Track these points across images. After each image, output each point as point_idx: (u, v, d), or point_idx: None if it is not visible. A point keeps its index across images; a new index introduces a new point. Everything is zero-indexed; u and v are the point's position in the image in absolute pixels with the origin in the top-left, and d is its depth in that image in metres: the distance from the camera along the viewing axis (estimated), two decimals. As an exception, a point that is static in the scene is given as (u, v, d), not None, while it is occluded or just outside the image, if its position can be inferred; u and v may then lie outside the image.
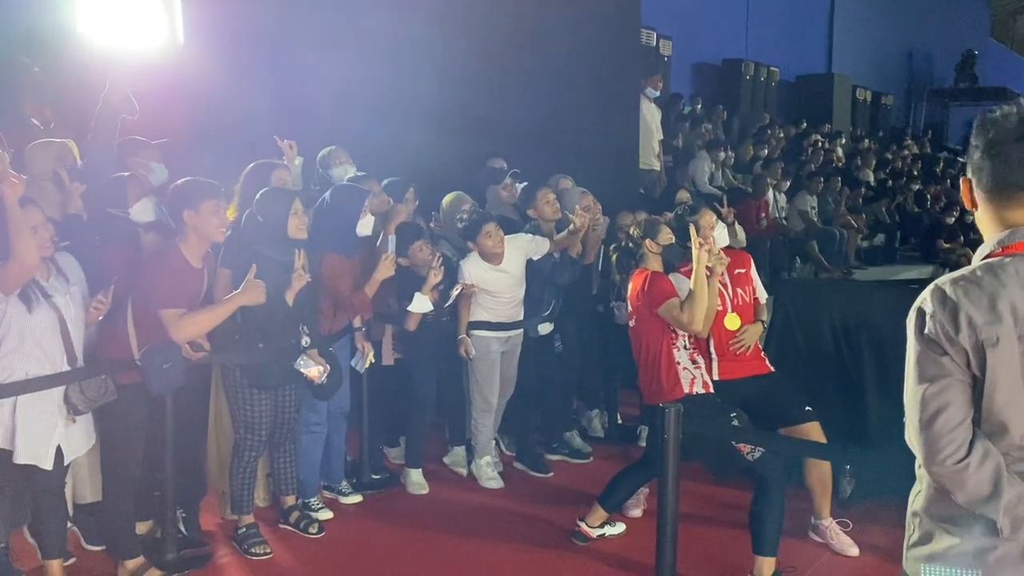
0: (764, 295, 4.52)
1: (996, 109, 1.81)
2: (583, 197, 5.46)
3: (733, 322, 4.26)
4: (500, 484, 5.14)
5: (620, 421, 6.08)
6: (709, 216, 4.27)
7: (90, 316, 3.59)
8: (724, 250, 4.18)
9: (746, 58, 14.45)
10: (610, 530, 4.42)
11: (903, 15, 20.10)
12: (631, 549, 4.28)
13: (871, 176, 13.57)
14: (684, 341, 4.02)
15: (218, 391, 4.30)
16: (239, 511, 4.25)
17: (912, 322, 1.80)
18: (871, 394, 4.65)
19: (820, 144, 13.68)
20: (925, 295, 1.79)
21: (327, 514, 4.61)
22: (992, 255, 1.81)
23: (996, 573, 1.75)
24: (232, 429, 4.24)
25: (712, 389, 4.02)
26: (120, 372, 3.66)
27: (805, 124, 14.58)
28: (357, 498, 4.86)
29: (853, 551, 4.25)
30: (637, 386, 4.28)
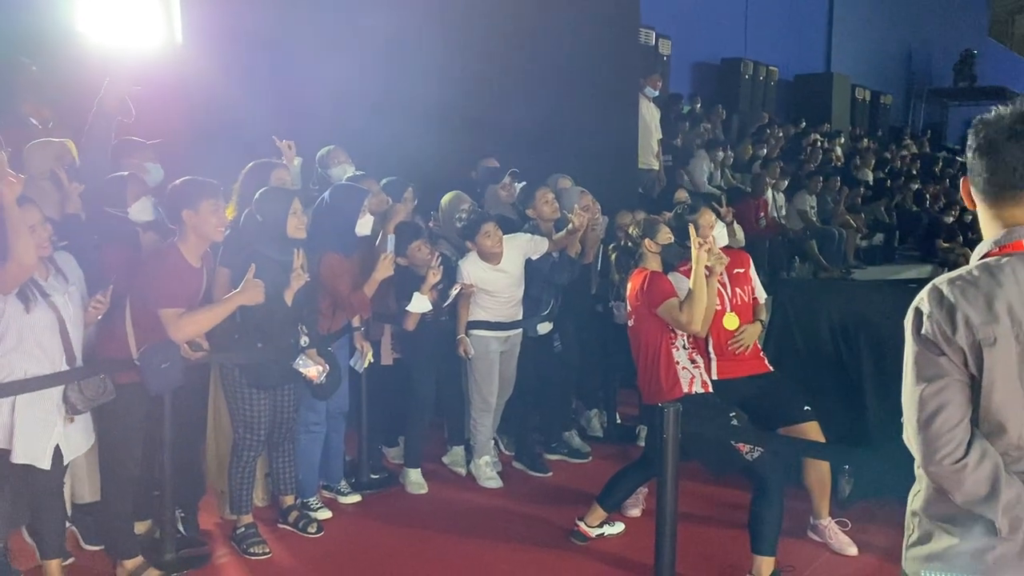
0: (763, 295, 4.50)
1: (993, 110, 1.82)
2: (582, 197, 5.44)
3: (732, 322, 4.25)
4: (499, 484, 5.14)
5: (619, 421, 6.06)
6: (708, 215, 4.25)
7: (89, 315, 3.58)
8: (723, 249, 4.15)
9: (745, 57, 14.49)
10: (609, 530, 4.41)
11: (902, 15, 20.11)
12: (630, 549, 4.28)
13: (870, 176, 13.59)
14: (683, 341, 4.01)
15: (217, 391, 4.29)
16: (238, 511, 4.25)
17: (909, 322, 1.80)
18: (870, 394, 4.64)
19: (819, 143, 13.70)
20: (922, 295, 1.79)
21: (326, 514, 4.60)
22: (989, 255, 1.81)
23: (995, 573, 1.75)
24: (231, 429, 4.24)
25: (711, 389, 4.01)
26: (119, 372, 3.66)
27: (804, 123, 14.62)
28: (356, 498, 4.85)
29: (852, 551, 4.25)
30: (636, 386, 4.27)
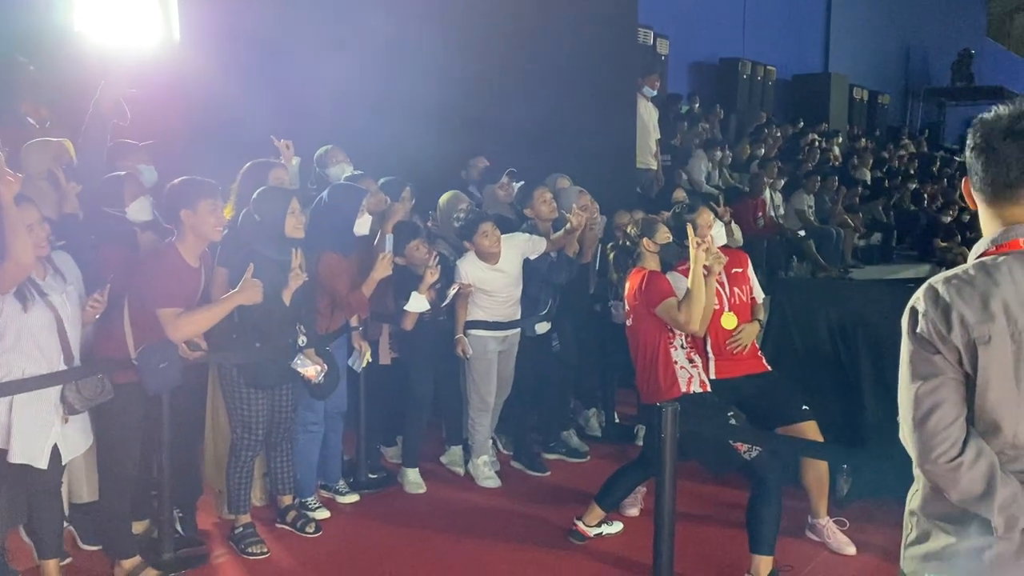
0: (761, 294, 4.49)
1: (992, 109, 1.82)
2: (580, 196, 5.43)
3: (730, 321, 4.25)
4: (497, 483, 5.13)
5: (617, 420, 6.05)
6: (706, 215, 4.25)
7: (86, 315, 3.57)
8: (721, 249, 4.15)
9: (743, 57, 14.50)
10: (607, 529, 4.41)
11: (900, 14, 20.12)
12: (628, 548, 4.27)
13: (868, 175, 13.60)
14: (681, 340, 4.00)
15: (215, 390, 4.29)
16: (236, 511, 4.24)
17: (906, 321, 1.81)
18: (868, 393, 4.63)
19: (817, 143, 13.72)
20: (918, 294, 1.80)
21: (324, 513, 4.60)
22: (986, 253, 1.81)
23: (992, 572, 1.75)
24: (229, 428, 4.23)
25: (709, 388, 4.01)
26: (117, 371, 3.65)
27: (802, 123, 14.63)
28: (354, 497, 4.85)
29: (850, 550, 4.25)
30: (634, 385, 4.26)
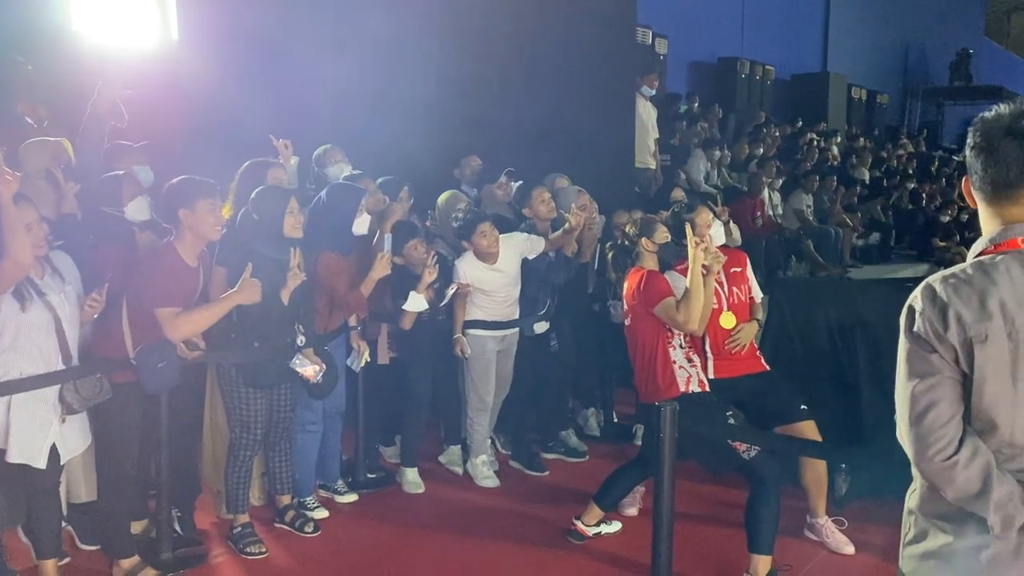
0: (759, 294, 4.50)
1: (993, 108, 1.82)
2: (579, 196, 5.43)
3: (729, 320, 4.26)
4: (496, 483, 5.13)
5: (616, 420, 6.05)
6: (705, 214, 4.24)
7: (85, 314, 3.57)
8: (720, 248, 4.15)
9: (742, 56, 14.50)
10: (606, 528, 4.41)
11: (898, 14, 20.12)
12: (627, 548, 4.27)
13: (866, 174, 13.59)
14: (680, 340, 4.01)
15: (213, 390, 4.28)
16: (234, 510, 4.24)
17: (903, 320, 1.81)
18: (866, 393, 4.62)
19: (815, 143, 13.71)
20: (916, 293, 1.80)
21: (323, 513, 4.59)
22: (984, 252, 1.81)
23: (989, 572, 1.75)
24: (227, 428, 4.23)
25: (708, 388, 4.01)
26: (115, 371, 3.64)
27: (800, 123, 14.63)
28: (353, 497, 4.84)
29: (848, 549, 4.25)
30: (633, 384, 4.27)
